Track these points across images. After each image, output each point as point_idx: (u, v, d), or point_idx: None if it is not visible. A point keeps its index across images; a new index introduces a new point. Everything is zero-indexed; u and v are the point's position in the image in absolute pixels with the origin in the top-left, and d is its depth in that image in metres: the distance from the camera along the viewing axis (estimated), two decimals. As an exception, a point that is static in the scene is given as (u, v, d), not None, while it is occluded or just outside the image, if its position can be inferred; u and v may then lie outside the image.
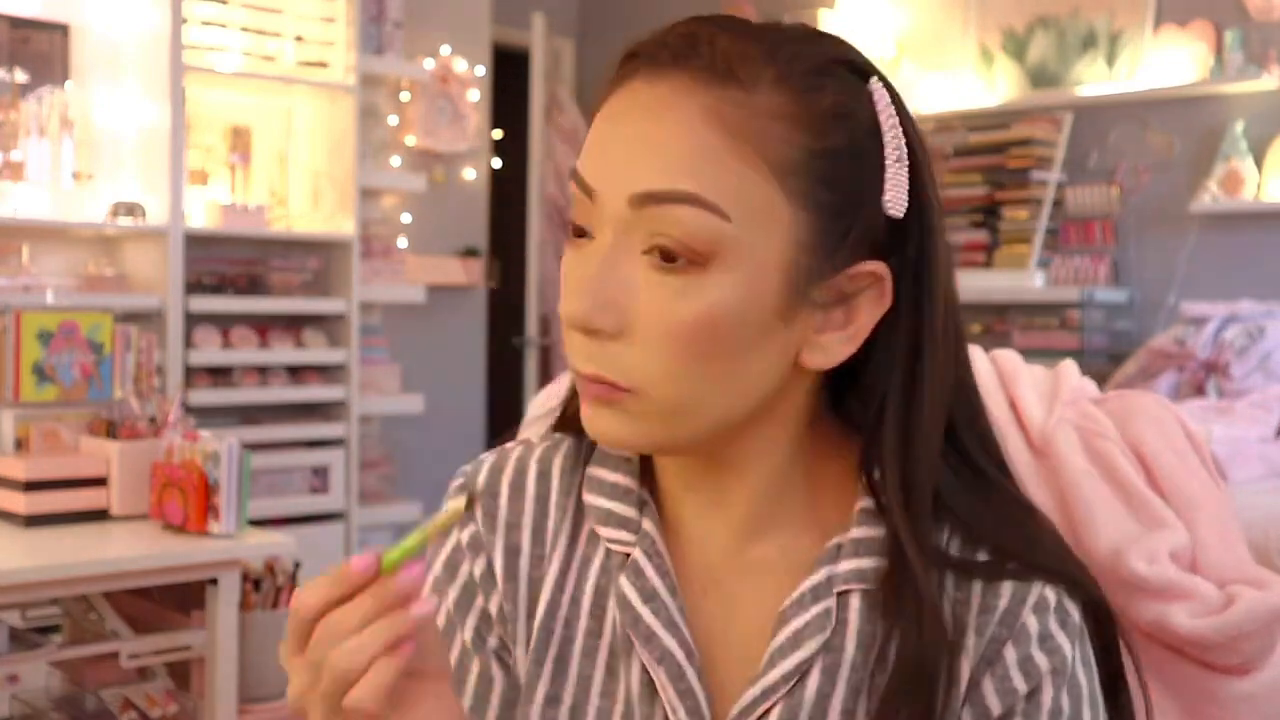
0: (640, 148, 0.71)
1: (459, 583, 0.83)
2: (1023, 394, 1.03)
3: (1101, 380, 3.60)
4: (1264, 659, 0.93)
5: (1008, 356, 1.08)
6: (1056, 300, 4.30)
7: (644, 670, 0.78)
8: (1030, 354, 1.17)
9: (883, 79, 0.76)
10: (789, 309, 0.73)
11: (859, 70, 0.76)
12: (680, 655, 0.77)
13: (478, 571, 0.83)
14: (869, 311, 0.75)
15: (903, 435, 0.76)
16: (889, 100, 0.75)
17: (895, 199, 0.74)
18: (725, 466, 0.79)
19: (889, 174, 0.74)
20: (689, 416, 0.74)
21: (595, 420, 0.75)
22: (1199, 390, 3.62)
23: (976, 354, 1.08)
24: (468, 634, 0.83)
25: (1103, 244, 4.40)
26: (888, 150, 0.74)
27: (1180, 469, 0.99)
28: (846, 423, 0.82)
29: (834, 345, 0.75)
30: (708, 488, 0.80)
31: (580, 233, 0.75)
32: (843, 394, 0.82)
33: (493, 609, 0.82)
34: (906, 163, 0.75)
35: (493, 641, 0.82)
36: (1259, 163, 4.11)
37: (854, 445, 0.81)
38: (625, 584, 0.79)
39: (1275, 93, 4.10)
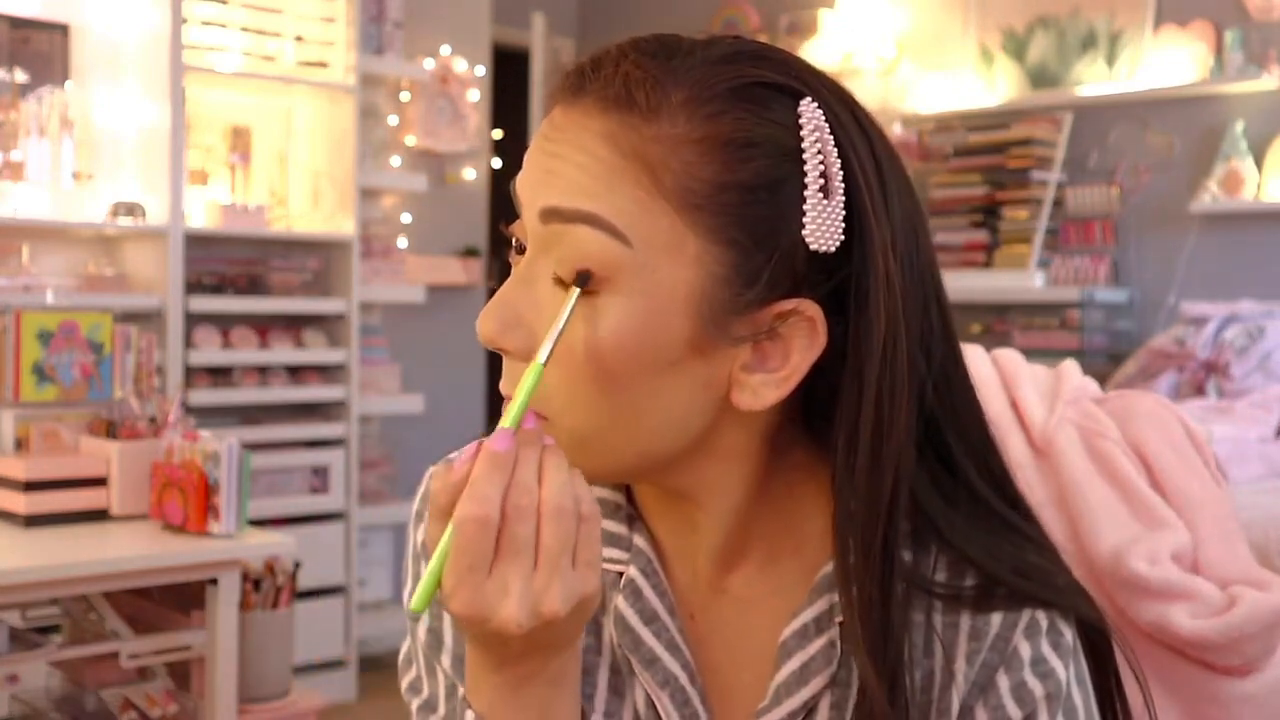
0: (550, 166, 0.70)
1: None
2: (1024, 394, 1.03)
3: (1102, 380, 3.60)
4: (1265, 660, 0.93)
5: (1009, 356, 1.08)
6: (1056, 300, 4.30)
7: (648, 693, 0.76)
8: (1030, 354, 1.17)
9: (828, 97, 0.71)
10: (704, 343, 0.69)
11: (789, 91, 0.70)
12: (684, 679, 0.76)
13: None
14: (801, 354, 0.70)
15: (849, 477, 0.71)
16: (819, 124, 0.69)
17: (817, 233, 0.69)
18: (683, 498, 0.76)
19: (809, 205, 0.69)
20: (601, 449, 0.71)
21: None
22: (1199, 390, 3.62)
23: (977, 354, 1.08)
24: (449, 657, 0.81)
25: (1103, 244, 4.40)
26: (809, 180, 0.69)
27: (1181, 469, 0.99)
28: (819, 444, 0.77)
29: (763, 387, 0.71)
30: (679, 517, 0.78)
31: (520, 249, 0.74)
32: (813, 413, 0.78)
33: None
34: (840, 190, 0.69)
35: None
36: (1259, 163, 4.10)
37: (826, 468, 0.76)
38: (623, 605, 0.77)
39: (1275, 93, 4.10)
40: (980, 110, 4.65)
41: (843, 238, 0.69)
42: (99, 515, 2.42)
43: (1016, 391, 1.03)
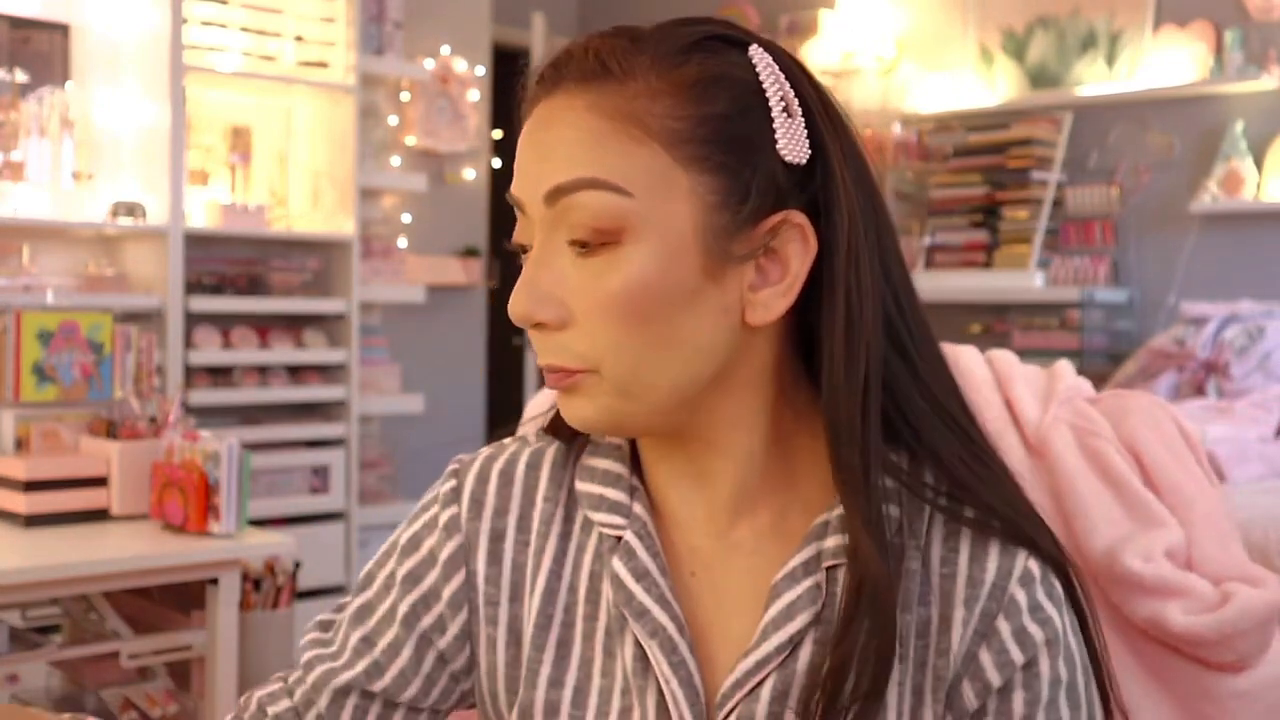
0: (544, 153, 0.78)
1: (419, 556, 0.87)
2: (1018, 394, 1.04)
3: (1101, 380, 3.61)
4: (1258, 656, 0.93)
5: (1003, 357, 1.08)
6: (1056, 300, 4.31)
7: (637, 645, 0.80)
8: (1030, 354, 1.17)
9: (766, 46, 0.80)
10: (714, 268, 0.77)
11: (735, 41, 0.80)
12: (672, 629, 0.80)
13: (444, 553, 0.86)
14: (798, 260, 0.78)
15: (847, 382, 0.77)
16: (770, 62, 0.79)
17: (789, 146, 0.77)
18: (704, 445, 0.82)
19: (777, 124, 0.77)
20: (644, 386, 0.77)
21: (568, 408, 0.80)
22: (1199, 390, 3.62)
23: (972, 355, 1.08)
24: (404, 606, 0.86)
25: (1103, 244, 4.40)
26: (772, 103, 0.77)
27: (1175, 467, 0.99)
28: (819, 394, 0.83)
29: (772, 300, 0.78)
30: (692, 472, 0.83)
31: (523, 250, 0.81)
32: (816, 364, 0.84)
33: (446, 592, 0.86)
34: (799, 112, 0.78)
35: (426, 621, 0.86)
36: (1259, 163, 4.11)
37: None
38: (618, 564, 0.82)
39: (1275, 93, 4.10)
40: (980, 110, 4.66)
41: (809, 154, 0.78)
42: (99, 515, 2.42)
43: (1011, 391, 1.04)
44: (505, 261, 5.26)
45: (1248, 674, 0.93)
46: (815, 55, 4.95)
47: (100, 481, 2.43)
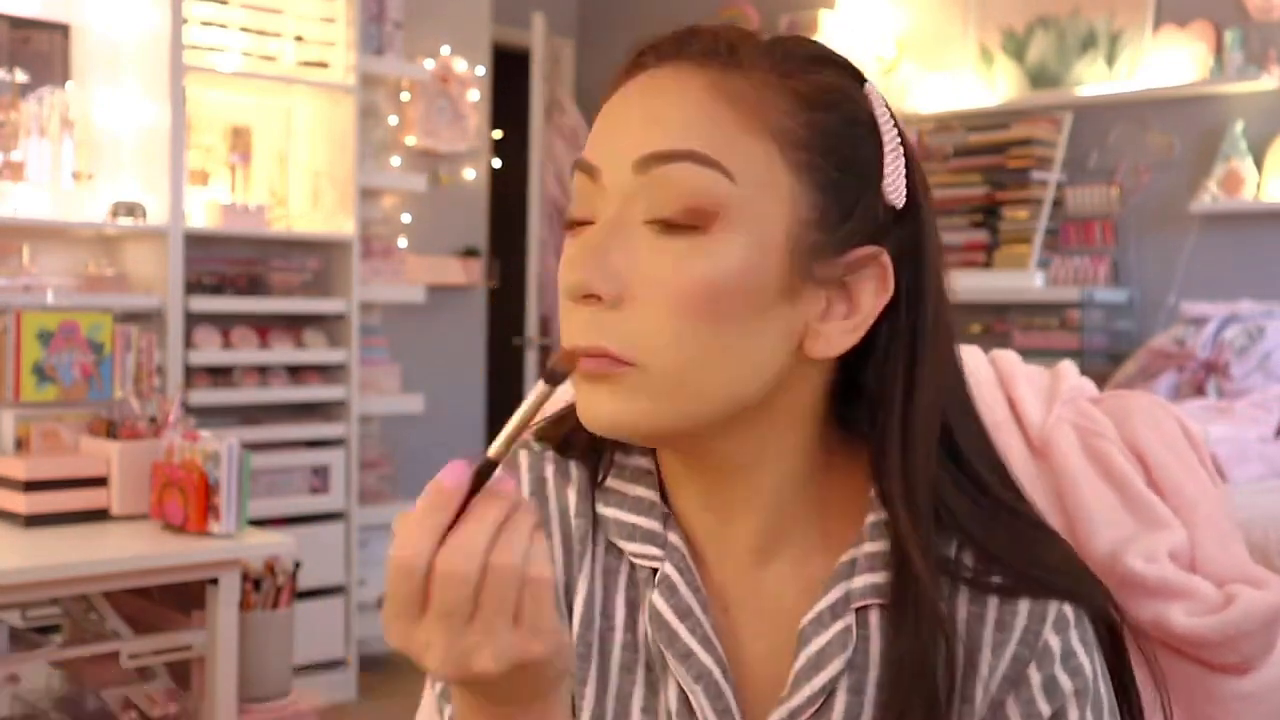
0: (644, 119, 0.73)
1: None
2: (1021, 394, 1.03)
3: (1101, 380, 3.60)
4: (1262, 658, 0.93)
5: (1005, 357, 1.08)
6: (1056, 300, 4.31)
7: (680, 687, 0.77)
8: (1030, 354, 1.17)
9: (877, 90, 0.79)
10: (792, 286, 0.73)
11: (853, 72, 0.78)
12: (717, 673, 0.76)
13: None
14: (871, 300, 0.75)
15: (903, 438, 0.75)
16: (885, 101, 0.77)
17: (895, 186, 0.75)
18: (733, 474, 0.78)
19: (888, 161, 0.75)
20: (691, 393, 0.71)
21: (591, 401, 0.73)
22: (1199, 390, 3.62)
23: (975, 354, 1.08)
24: None
25: (1103, 244, 4.40)
26: (885, 139, 0.75)
27: (1178, 468, 0.99)
28: (852, 432, 0.81)
29: (837, 334, 0.74)
30: (720, 505, 0.79)
31: (578, 224, 0.75)
32: (849, 404, 0.81)
33: None
34: (902, 156, 0.76)
35: None
36: (1259, 163, 4.11)
37: (860, 457, 0.79)
38: (658, 600, 0.78)
39: (1275, 93, 4.10)
40: (980, 110, 4.65)
41: (905, 197, 0.76)
42: (99, 515, 2.42)
43: (1013, 391, 1.03)
44: (505, 261, 5.26)
45: (1251, 676, 0.93)
46: (815, 55, 4.95)
47: (100, 481, 2.43)
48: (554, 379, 0.66)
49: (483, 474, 0.63)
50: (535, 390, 0.66)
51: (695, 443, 0.75)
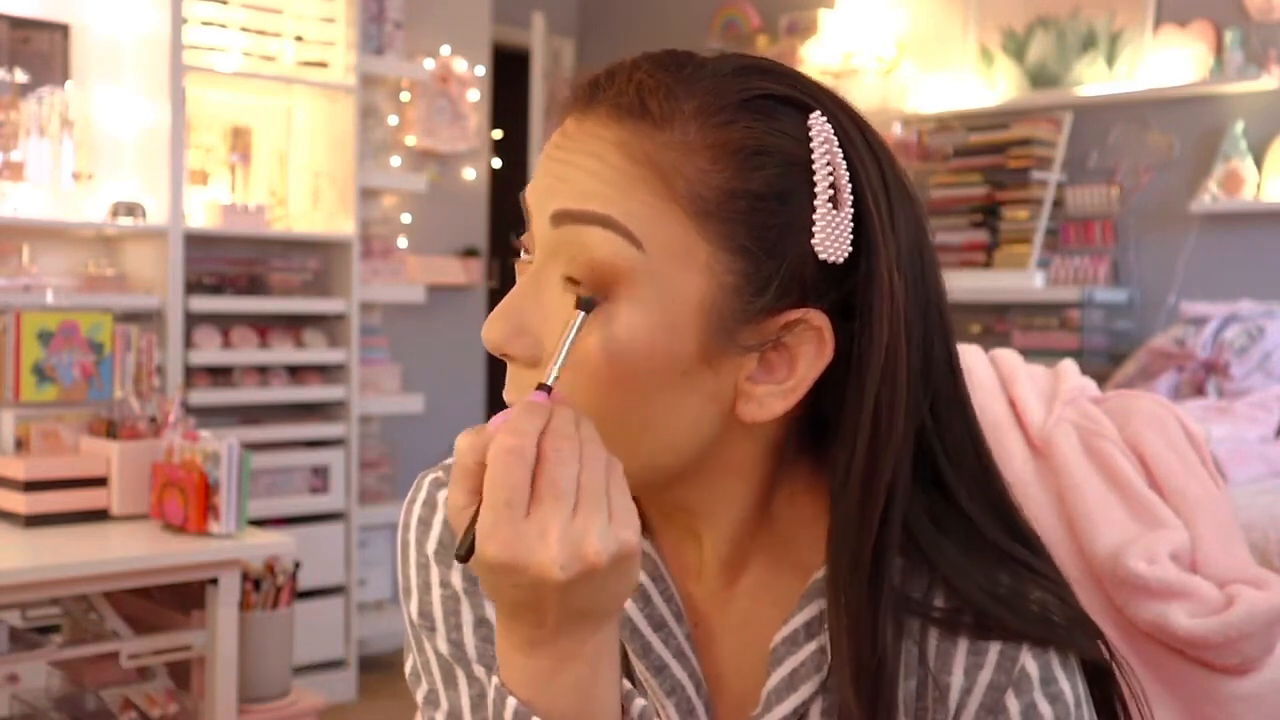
0: (562, 172, 0.71)
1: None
2: (1022, 394, 1.03)
3: (1101, 380, 3.60)
4: (1264, 659, 0.93)
5: (1007, 356, 1.08)
6: (1056, 300, 4.30)
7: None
8: (1030, 354, 1.17)
9: (836, 110, 0.72)
10: (713, 352, 0.69)
11: (798, 104, 0.71)
12: (690, 688, 0.75)
13: None
14: (807, 364, 0.70)
15: (844, 485, 0.71)
16: (828, 136, 0.70)
17: (826, 243, 0.69)
18: (687, 511, 0.76)
19: (818, 216, 0.69)
20: (619, 454, 0.67)
21: None
22: (1199, 390, 3.62)
23: (976, 354, 1.08)
24: (472, 640, 0.79)
25: (1103, 244, 4.40)
26: (819, 190, 0.69)
27: (1180, 469, 0.99)
28: (823, 458, 0.76)
29: (770, 398, 0.70)
30: (677, 526, 0.78)
31: (525, 253, 0.74)
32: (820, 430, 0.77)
33: (491, 615, 0.79)
34: (848, 202, 0.70)
35: (491, 648, 0.78)
36: (1259, 163, 4.11)
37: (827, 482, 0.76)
38: (632, 609, 0.76)
39: (1275, 93, 4.10)
40: (980, 110, 4.65)
41: (850, 249, 0.70)
42: (99, 515, 2.42)
43: (1015, 391, 1.03)
44: (505, 261, 5.26)
45: (1252, 676, 0.93)
46: (815, 55, 4.95)
47: (100, 481, 2.43)
48: (588, 306, 0.68)
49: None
50: (576, 320, 0.67)
51: (638, 490, 0.71)
